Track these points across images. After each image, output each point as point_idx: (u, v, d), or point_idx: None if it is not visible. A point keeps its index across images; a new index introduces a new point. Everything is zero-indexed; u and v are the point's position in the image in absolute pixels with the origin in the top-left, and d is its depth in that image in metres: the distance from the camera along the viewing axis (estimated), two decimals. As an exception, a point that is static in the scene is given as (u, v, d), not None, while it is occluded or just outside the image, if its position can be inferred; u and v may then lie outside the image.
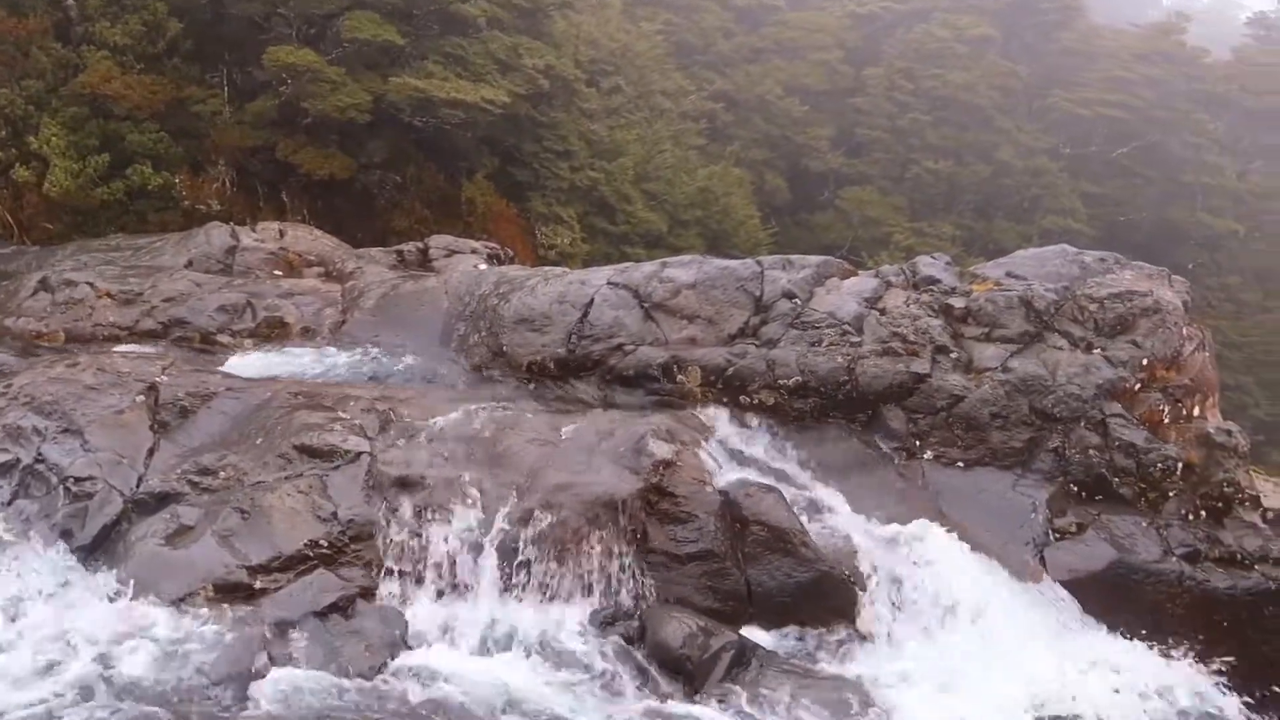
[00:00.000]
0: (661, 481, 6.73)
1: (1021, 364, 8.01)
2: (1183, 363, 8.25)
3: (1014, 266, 9.17)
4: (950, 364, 8.09)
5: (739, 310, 8.55)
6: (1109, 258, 9.26)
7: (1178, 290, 8.86)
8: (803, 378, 8.02)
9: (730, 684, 5.85)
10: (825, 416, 8.05)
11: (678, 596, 6.47)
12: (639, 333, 8.47)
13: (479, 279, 9.71)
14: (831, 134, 32.28)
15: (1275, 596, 7.08)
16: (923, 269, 8.99)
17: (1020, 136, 33.34)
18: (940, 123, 33.47)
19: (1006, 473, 7.70)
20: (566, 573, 6.35)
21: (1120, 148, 35.36)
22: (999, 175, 32.59)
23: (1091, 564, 7.08)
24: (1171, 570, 7.07)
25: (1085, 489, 7.53)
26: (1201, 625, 7.01)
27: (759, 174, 29.68)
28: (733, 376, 8.12)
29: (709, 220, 20.88)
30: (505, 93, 15.39)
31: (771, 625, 6.54)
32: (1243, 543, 7.23)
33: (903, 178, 32.00)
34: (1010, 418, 7.80)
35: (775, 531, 6.65)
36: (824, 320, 8.37)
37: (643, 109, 23.68)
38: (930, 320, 8.35)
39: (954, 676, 6.19)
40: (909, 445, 7.87)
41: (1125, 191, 34.87)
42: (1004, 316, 8.30)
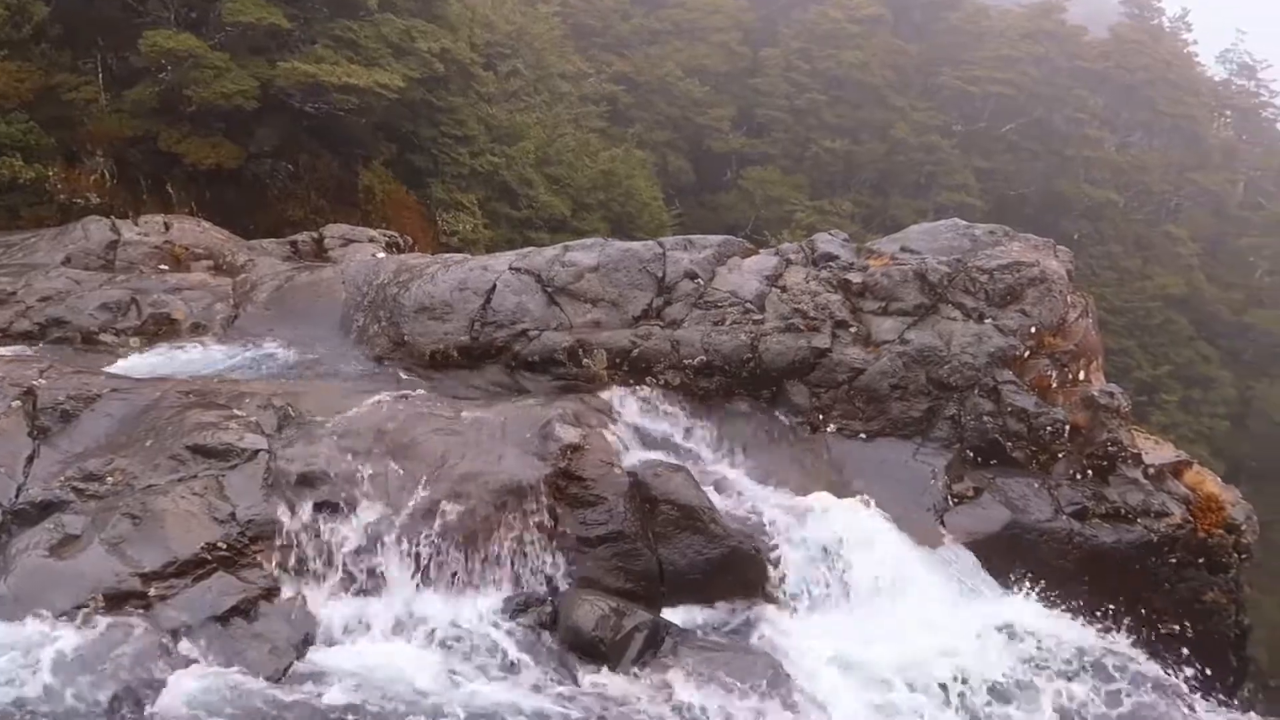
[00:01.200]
0: (569, 466, 6.71)
1: (918, 336, 8.23)
2: (1068, 329, 8.61)
3: (908, 241, 9.41)
4: (850, 338, 8.27)
5: (642, 292, 8.56)
6: (998, 230, 9.56)
7: (1062, 260, 9.22)
8: (707, 357, 8.08)
9: (644, 663, 5.89)
10: (731, 394, 8.14)
11: (590, 579, 6.48)
12: (543, 318, 8.40)
13: (377, 268, 9.50)
14: (732, 115, 32.61)
15: (1156, 547, 7.48)
16: (821, 246, 9.14)
17: (914, 114, 34.21)
18: (837, 102, 34.13)
19: (907, 442, 7.92)
20: (477, 562, 6.28)
21: (1008, 124, 36.62)
22: (894, 153, 33.41)
23: (988, 526, 7.35)
24: (1062, 528, 7.39)
25: (981, 454, 7.81)
26: (1091, 578, 7.35)
27: (662, 156, 29.79)
28: (638, 358, 8.13)
29: (612, 203, 20.87)
30: (400, 77, 15.04)
31: (684, 602, 6.61)
32: (1126, 498, 7.60)
33: (803, 157, 32.55)
34: (909, 388, 8.02)
35: (684, 510, 6.70)
36: (726, 299, 8.45)
37: (542, 92, 23.48)
38: (829, 296, 8.51)
39: (862, 640, 6.34)
40: (813, 419, 8.03)
41: (1014, 166, 36.17)
42: (900, 290, 8.51)
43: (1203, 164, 39.28)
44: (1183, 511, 7.62)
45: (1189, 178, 38.32)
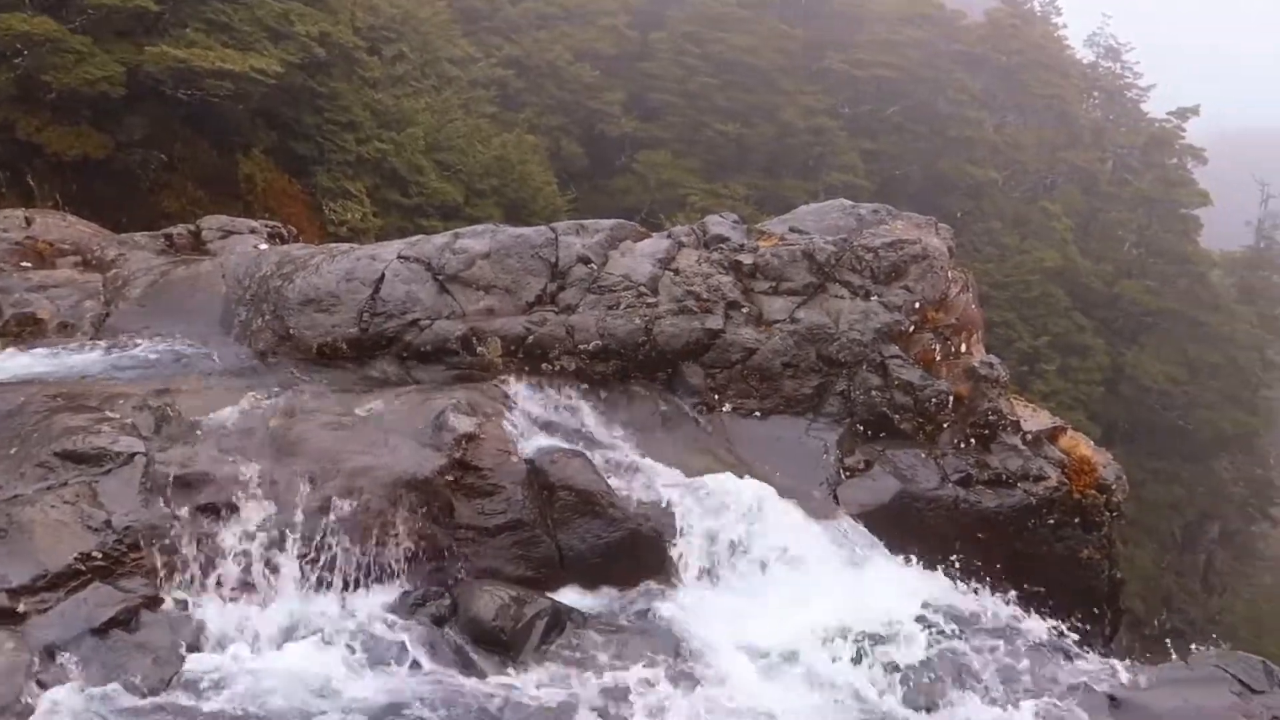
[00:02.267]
0: (465, 456, 6.62)
1: (808, 314, 8.40)
2: (950, 304, 8.91)
3: (797, 221, 9.58)
4: (742, 318, 8.38)
5: (536, 278, 8.48)
6: (882, 209, 9.81)
7: (943, 237, 9.53)
8: (603, 341, 8.07)
9: (547, 650, 5.87)
10: (627, 378, 8.15)
11: (489, 569, 6.42)
12: (434, 306, 8.25)
13: (259, 260, 9.16)
14: (624, 99, 32.62)
15: (1035, 510, 7.83)
16: (712, 228, 9.23)
17: (802, 98, 34.84)
18: (728, 86, 34.48)
19: (800, 418, 8.08)
20: (371, 558, 6.15)
21: (892, 106, 37.67)
22: (784, 135, 34.00)
23: (879, 497, 7.57)
24: (948, 495, 7.67)
25: (870, 427, 8.03)
26: (976, 541, 7.65)
27: (555, 140, 29.60)
28: (533, 345, 8.06)
29: (506, 189, 20.66)
30: (278, 62, 14.54)
31: (586, 587, 6.61)
32: (1007, 464, 7.94)
33: (695, 140, 32.82)
34: (800, 366, 8.18)
35: (583, 495, 6.69)
36: (620, 283, 8.44)
37: (430, 77, 23.03)
38: (721, 277, 8.60)
39: (762, 615, 6.45)
40: (708, 399, 8.11)
41: (899, 147, 37.25)
42: (789, 270, 8.66)
43: (1074, 143, 41.21)
44: (1058, 474, 8.00)
45: (1062, 156, 40.16)
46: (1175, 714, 5.82)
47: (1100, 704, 5.87)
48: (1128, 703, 5.90)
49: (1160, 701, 6.01)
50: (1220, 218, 40.17)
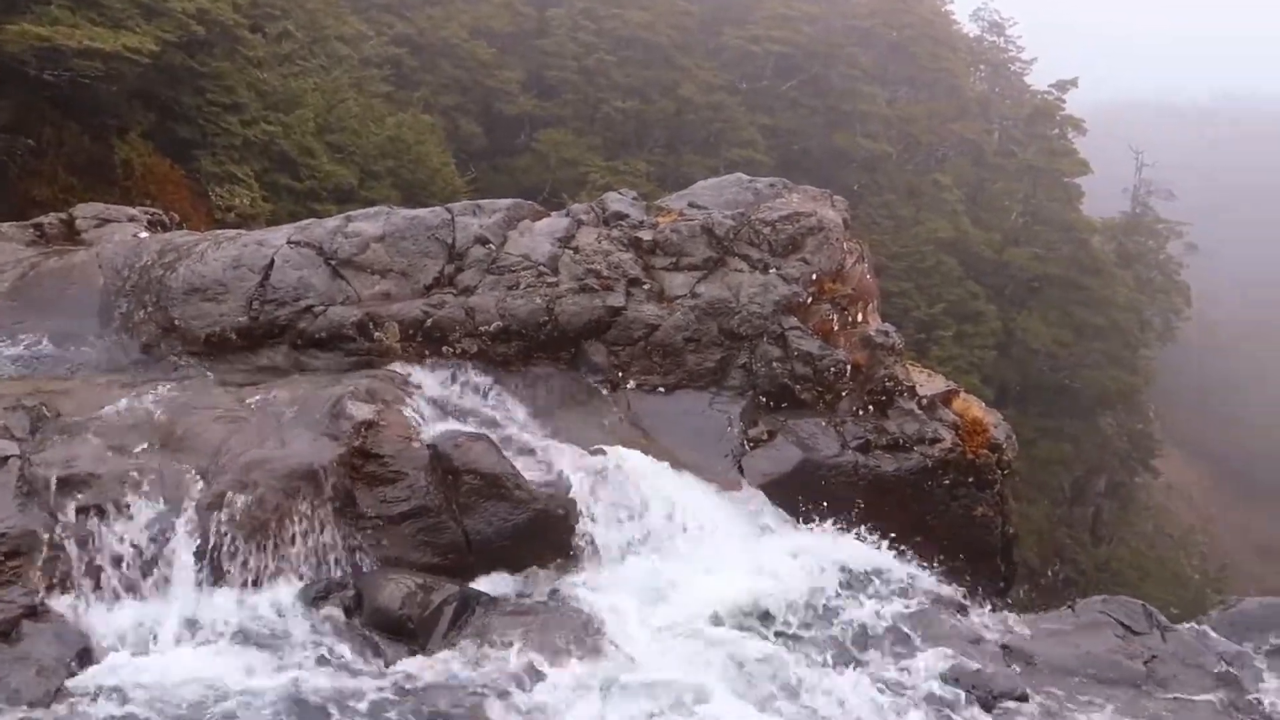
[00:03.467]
0: (364, 444, 6.48)
1: (708, 289, 8.45)
2: (845, 275, 9.08)
3: (695, 197, 9.62)
4: (644, 295, 8.39)
5: (432, 260, 8.33)
6: (778, 183, 9.92)
7: (838, 209, 9.69)
8: (504, 322, 7.99)
9: (456, 636, 5.81)
10: (530, 358, 8.09)
11: (395, 558, 6.31)
12: (328, 292, 8.02)
13: (138, 249, 8.75)
14: (522, 77, 32.23)
15: (932, 471, 8.08)
16: (611, 205, 9.20)
17: (700, 73, 34.97)
18: (625, 62, 34.39)
19: (704, 392, 8.15)
20: (270, 552, 5.97)
21: (788, 81, 38.15)
22: (684, 111, 34.10)
23: (783, 466, 7.70)
24: (849, 461, 7.86)
25: (772, 398, 8.15)
26: (877, 505, 7.86)
27: (452, 120, 29.07)
28: (432, 328, 7.93)
29: (402, 170, 20.19)
30: (152, 40, 13.85)
31: (494, 570, 6.56)
32: (904, 429, 8.16)
33: (595, 118, 32.67)
34: (702, 340, 8.24)
35: (488, 478, 6.63)
36: (520, 263, 8.36)
37: (319, 56, 22.30)
38: (622, 254, 8.58)
39: (671, 589, 6.51)
40: (612, 377, 8.11)
41: (796, 122, 37.79)
42: (689, 245, 8.70)
43: (962, 115, 42.45)
44: (952, 436, 8.26)
45: (951, 128, 41.33)
46: (1063, 659, 6.11)
47: (995, 654, 6.12)
48: (1020, 651, 6.17)
49: (1050, 648, 6.31)
50: (1099, 186, 42.00)
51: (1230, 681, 5.92)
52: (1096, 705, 5.55)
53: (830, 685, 5.67)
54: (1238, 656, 6.25)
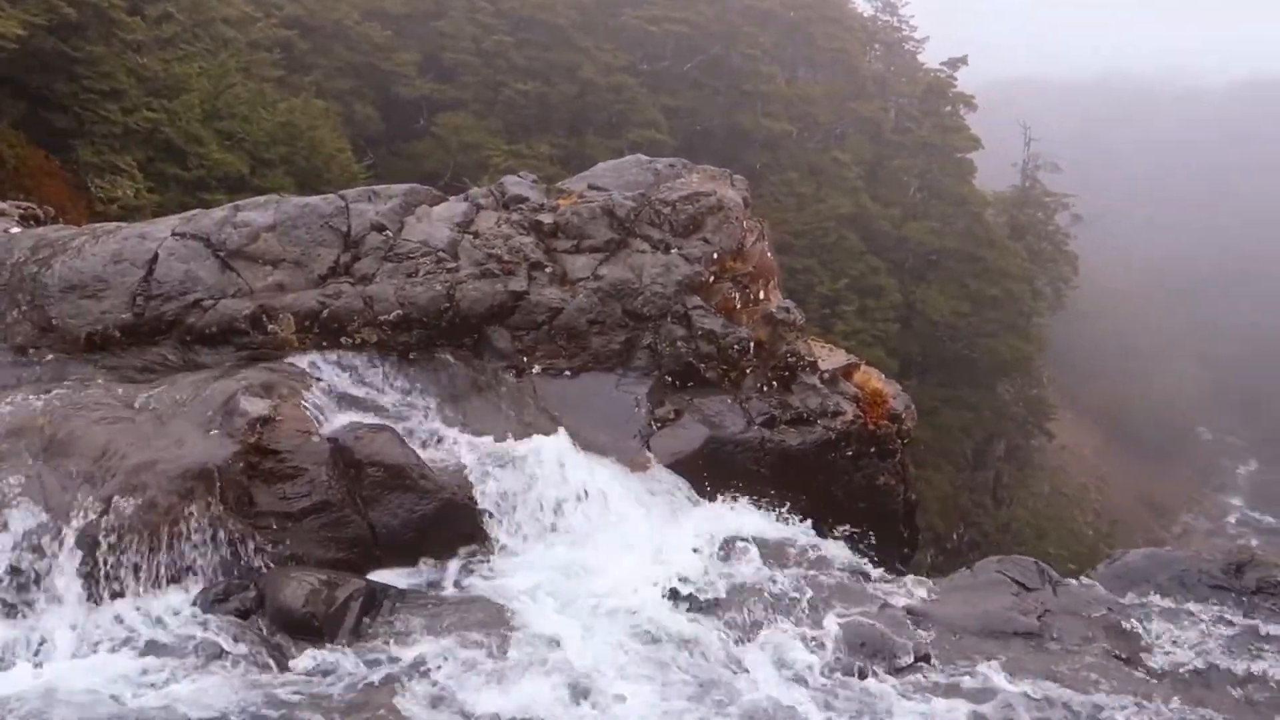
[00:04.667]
0: (261, 440, 6.29)
1: (611, 271, 8.45)
2: (746, 253, 9.18)
3: (595, 179, 9.59)
4: (546, 278, 8.33)
5: (327, 249, 8.11)
6: (678, 163, 9.96)
7: (738, 188, 9.78)
8: (404, 310, 7.84)
9: (363, 631, 5.71)
10: (433, 346, 7.97)
11: (298, 555, 6.16)
12: (217, 285, 7.74)
13: (10, 245, 8.27)
14: (418, 59, 31.57)
15: (835, 444, 8.27)
16: (510, 189, 9.10)
17: (600, 55, 34.81)
18: (525, 44, 34.00)
19: (610, 374, 8.16)
20: (164, 557, 5.76)
21: (689, 62, 38.29)
22: (585, 93, 33.93)
23: (690, 444, 7.77)
24: (755, 437, 7.97)
25: (678, 378, 8.20)
26: (783, 479, 8.00)
27: (347, 105, 28.32)
28: (329, 319, 7.73)
29: (296, 157, 19.60)
30: (18, 24, 13.10)
31: (402, 563, 6.47)
32: (807, 403, 8.32)
33: (495, 101, 32.22)
34: (606, 322, 8.23)
35: (392, 469, 6.52)
36: (418, 249, 8.21)
37: (203, 39, 21.41)
38: (523, 238, 8.51)
39: (583, 572, 6.52)
40: (517, 362, 8.05)
41: (698, 102, 37.97)
42: (590, 227, 8.67)
43: (859, 94, 43.30)
44: (854, 409, 8.46)
45: (849, 107, 42.12)
46: (963, 618, 6.33)
47: (898, 617, 6.31)
48: (922, 613, 6.37)
49: (950, 609, 6.53)
50: (990, 161, 43.41)
51: (1116, 631, 6.22)
52: (993, 660, 5.77)
53: (740, 656, 5.76)
54: (1122, 606, 6.58)
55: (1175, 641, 5.98)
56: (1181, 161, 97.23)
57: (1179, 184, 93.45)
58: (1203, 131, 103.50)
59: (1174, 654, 5.89)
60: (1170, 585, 6.78)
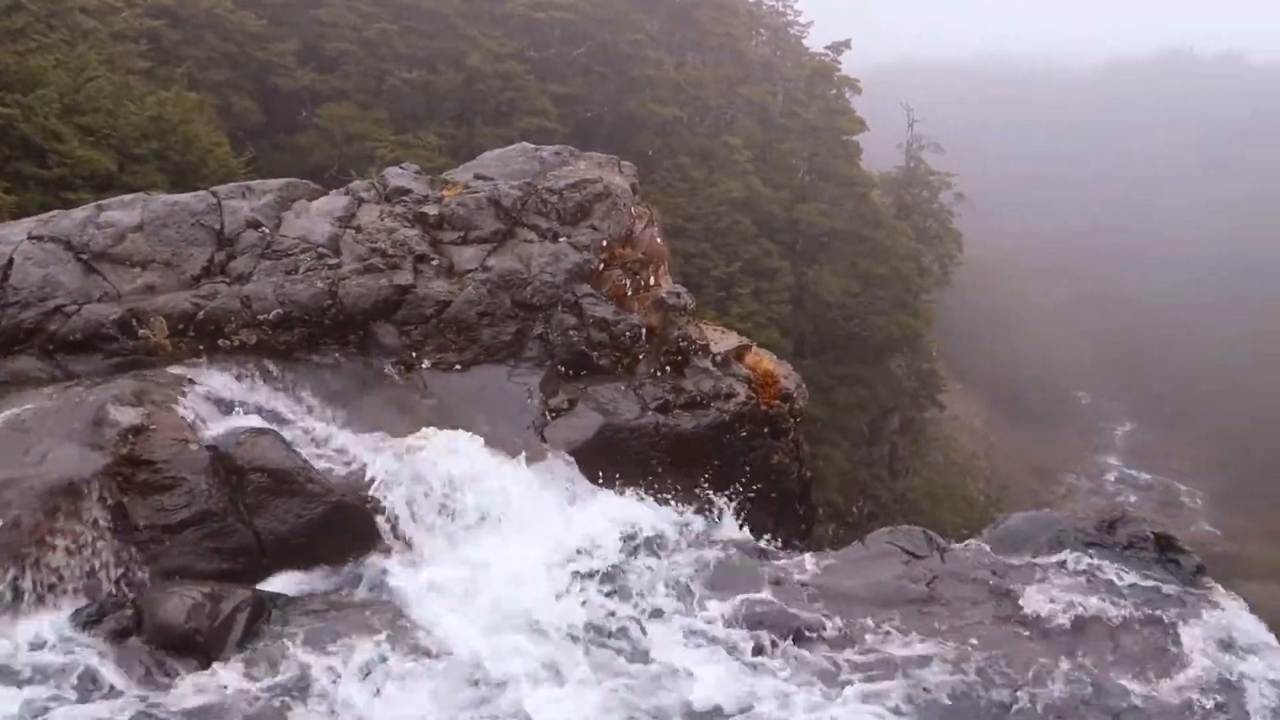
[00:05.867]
0: (134, 451, 6.00)
1: (499, 261, 8.35)
2: (636, 239, 9.20)
3: (481, 168, 9.46)
4: (433, 271, 8.19)
5: (200, 248, 7.80)
6: (564, 150, 9.90)
7: (626, 175, 9.78)
8: (284, 309, 7.60)
9: (252, 643, 5.52)
10: (317, 345, 7.75)
11: (179, 569, 5.91)
12: (81, 289, 7.36)
13: None
14: (298, 49, 30.50)
15: (729, 425, 8.37)
16: (393, 180, 8.90)
17: (486, 42, 34.27)
18: (408, 32, 33.21)
19: (501, 366, 8.08)
20: (30, 579, 5.44)
21: (577, 48, 38.03)
22: (473, 81, 33.36)
23: (585, 433, 7.76)
24: (649, 422, 8.01)
25: (571, 367, 8.17)
26: (680, 463, 8.07)
27: (223, 97, 27.19)
28: (205, 321, 7.44)
29: (169, 152, 18.70)
30: None
31: (294, 570, 6.29)
32: (700, 386, 8.39)
33: (380, 90, 31.40)
34: (496, 314, 8.14)
35: (277, 474, 6.31)
36: (297, 246, 7.96)
37: (59, 29, 20.22)
38: (407, 231, 8.34)
39: (480, 566, 6.44)
40: (406, 358, 7.89)
41: (587, 89, 37.75)
42: (476, 218, 8.55)
43: (747, 78, 43.80)
44: (746, 390, 8.58)
45: (737, 91, 42.56)
46: (855, 589, 6.50)
47: (794, 592, 6.43)
48: (816, 587, 6.51)
49: (844, 581, 6.69)
50: (875, 143, 44.52)
51: (999, 592, 6.48)
52: (884, 628, 5.94)
53: (641, 641, 5.79)
54: (1006, 569, 6.85)
55: (1053, 599, 6.25)
56: (1055, 140, 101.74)
57: (1054, 161, 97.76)
58: (1074, 111, 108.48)
59: (1052, 610, 6.15)
60: (1049, 545, 7.08)
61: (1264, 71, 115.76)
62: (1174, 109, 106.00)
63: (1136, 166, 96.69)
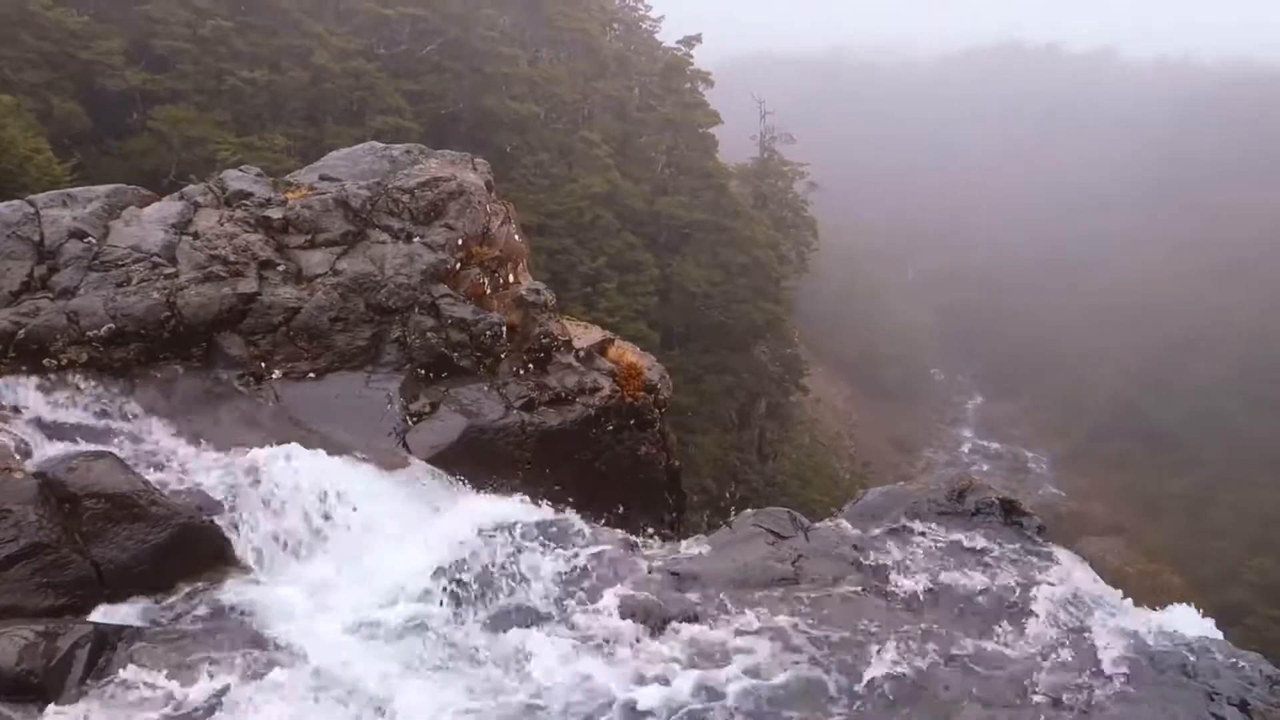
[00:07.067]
0: (-52, 484, 5.53)
1: (350, 264, 8.10)
2: (492, 237, 9.08)
3: (327, 169, 9.15)
4: (279, 277, 7.87)
5: (18, 262, 7.26)
6: (415, 149, 9.68)
7: (480, 172, 9.63)
8: (116, 324, 7.15)
9: (95, 680, 5.17)
10: (155, 360, 7.34)
11: (8, 609, 5.47)
12: (-121, 312, 6.73)
13: None
14: (124, 47, 28.75)
15: (595, 420, 8.37)
16: (232, 184, 8.51)
17: (333, 40, 33.22)
18: (247, 29, 31.86)
19: (358, 372, 7.84)
20: None
21: (428, 45, 37.29)
22: (320, 80, 32.28)
23: (448, 436, 7.61)
24: (514, 421, 7.92)
25: (431, 369, 8.00)
26: (547, 460, 8.02)
27: (43, 100, 25.42)
28: (27, 340, 6.92)
29: (-19, 161, 17.36)
30: None
31: (138, 598, 5.92)
32: (564, 382, 8.36)
33: (219, 90, 29.99)
34: (350, 319, 7.89)
35: (115, 499, 5.93)
36: (128, 256, 7.51)
37: None
38: (250, 236, 7.98)
39: (343, 579, 6.24)
40: (255, 368, 7.56)
41: (441, 86, 37.08)
42: (324, 220, 8.27)
43: (602, 73, 43.95)
44: (610, 383, 8.60)
45: (593, 87, 42.65)
46: (725, 572, 6.60)
47: (665, 582, 6.48)
48: (687, 575, 6.58)
49: (714, 565, 6.79)
50: (731, 135, 45.43)
51: (860, 565, 6.71)
52: (753, 609, 6.06)
53: (512, 645, 5.72)
54: (865, 542, 7.10)
55: (909, 568, 6.53)
56: (901, 128, 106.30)
57: (900, 149, 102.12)
58: (918, 100, 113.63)
59: (909, 578, 6.42)
60: (905, 516, 7.39)
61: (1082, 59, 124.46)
62: (1005, 96, 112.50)
63: (973, 152, 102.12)
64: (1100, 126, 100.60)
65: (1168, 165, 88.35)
